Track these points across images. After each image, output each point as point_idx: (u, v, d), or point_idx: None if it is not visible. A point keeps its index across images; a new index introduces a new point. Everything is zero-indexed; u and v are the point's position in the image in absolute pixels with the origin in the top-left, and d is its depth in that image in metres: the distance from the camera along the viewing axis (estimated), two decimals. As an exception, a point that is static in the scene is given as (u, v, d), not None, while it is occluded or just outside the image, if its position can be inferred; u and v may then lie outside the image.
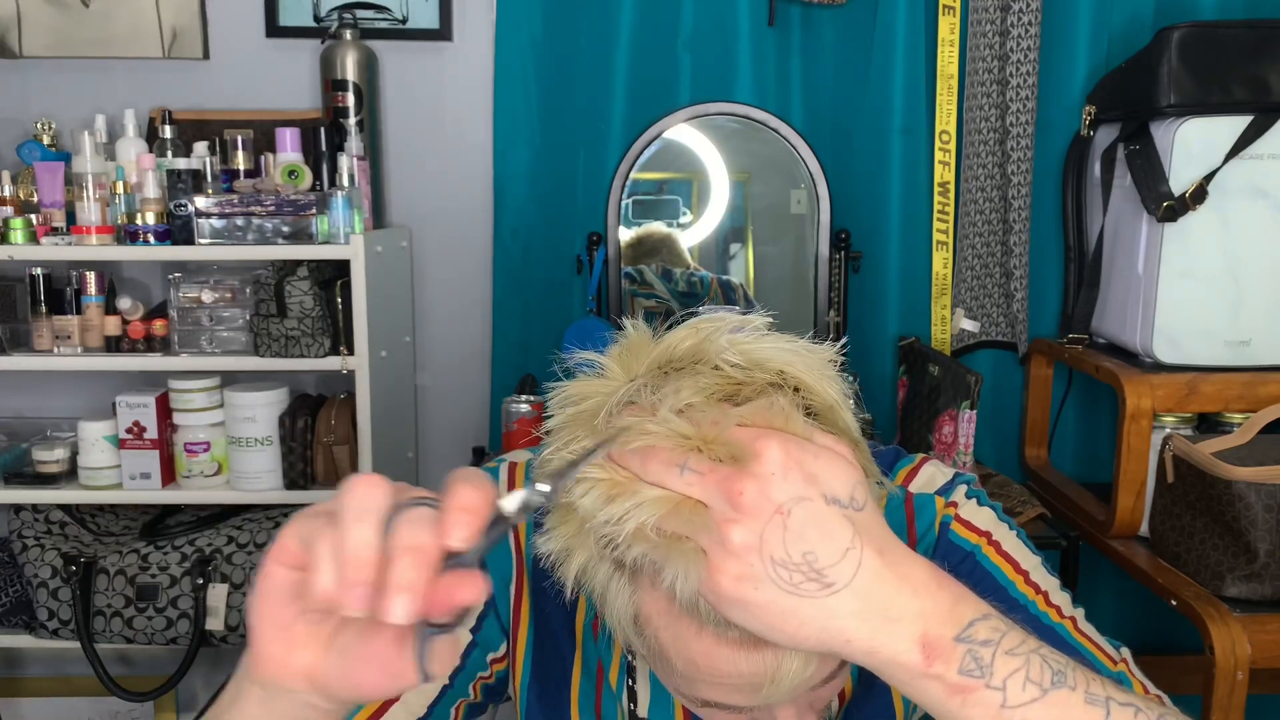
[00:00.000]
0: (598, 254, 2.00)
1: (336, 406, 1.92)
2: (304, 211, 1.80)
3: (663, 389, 0.61)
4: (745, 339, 0.63)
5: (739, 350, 0.63)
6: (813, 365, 0.63)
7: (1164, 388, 1.69)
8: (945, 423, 1.79)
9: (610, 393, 0.64)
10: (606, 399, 0.63)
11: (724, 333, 0.64)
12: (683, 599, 0.58)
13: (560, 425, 0.64)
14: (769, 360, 0.63)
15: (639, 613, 0.63)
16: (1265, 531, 1.49)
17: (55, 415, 2.10)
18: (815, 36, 2.06)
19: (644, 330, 0.67)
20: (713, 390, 0.60)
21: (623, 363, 0.65)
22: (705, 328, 0.65)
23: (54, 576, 1.88)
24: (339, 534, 0.47)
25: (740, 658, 0.61)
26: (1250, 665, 1.46)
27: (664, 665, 0.66)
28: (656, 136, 1.99)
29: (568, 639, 0.84)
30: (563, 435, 0.64)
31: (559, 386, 0.66)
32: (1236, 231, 1.69)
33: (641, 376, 0.64)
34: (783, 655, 0.60)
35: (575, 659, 0.84)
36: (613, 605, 0.64)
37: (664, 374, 0.63)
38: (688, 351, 0.64)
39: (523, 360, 2.12)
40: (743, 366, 0.62)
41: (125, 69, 2.09)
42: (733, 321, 0.65)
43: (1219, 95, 1.69)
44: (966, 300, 2.09)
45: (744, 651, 0.60)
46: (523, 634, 0.84)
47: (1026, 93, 1.99)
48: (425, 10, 2.08)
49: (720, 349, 0.63)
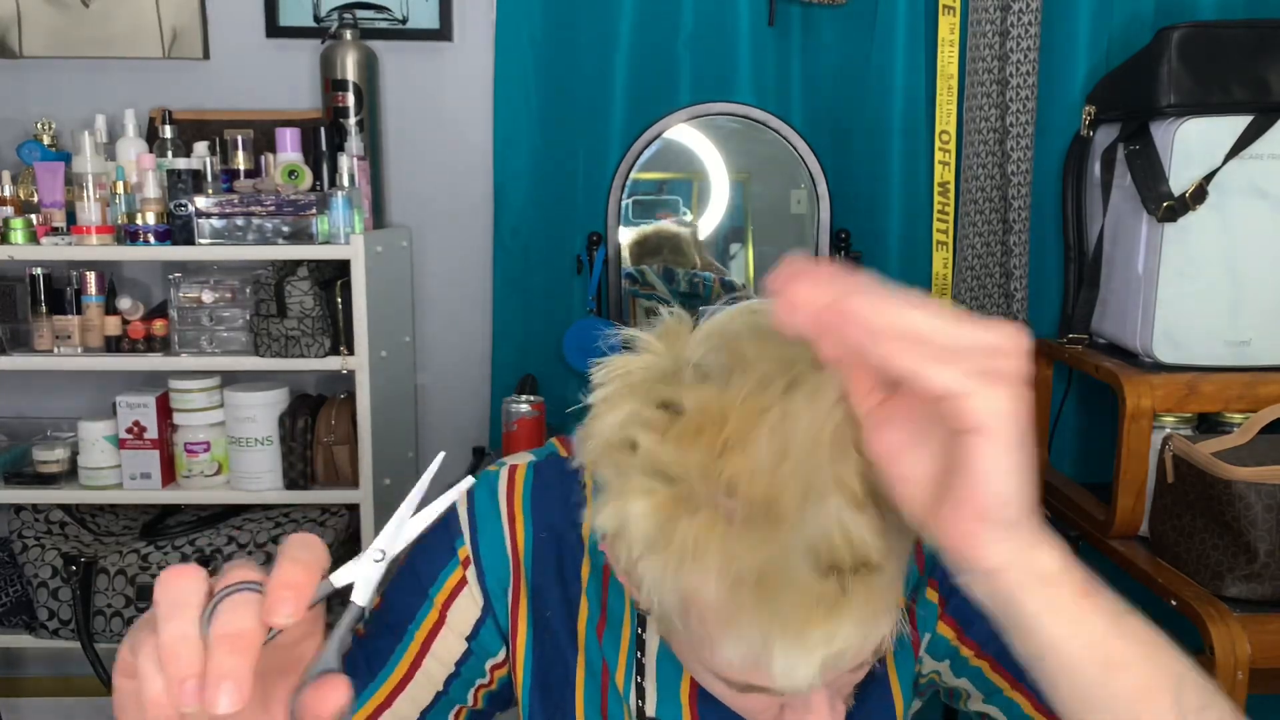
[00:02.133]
0: (598, 254, 2.00)
1: (336, 406, 1.92)
2: (304, 211, 1.80)
3: (730, 355, 0.61)
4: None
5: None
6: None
7: (1164, 388, 1.69)
8: (945, 423, 1.79)
9: (656, 364, 0.64)
10: (654, 371, 0.63)
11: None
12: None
13: (611, 394, 0.64)
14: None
15: (685, 598, 0.62)
16: (1265, 531, 1.49)
17: (55, 415, 2.10)
18: (815, 36, 2.06)
19: (682, 315, 0.67)
20: (788, 355, 0.59)
21: (665, 340, 0.66)
22: (757, 308, 0.65)
23: (54, 576, 1.88)
24: (158, 634, 0.46)
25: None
26: (1250, 665, 1.45)
27: (705, 649, 0.65)
28: (656, 136, 1.99)
29: (569, 641, 0.84)
30: (612, 404, 0.63)
31: (603, 361, 0.66)
32: (1236, 231, 1.69)
33: (694, 345, 0.64)
34: (838, 629, 0.58)
35: (578, 661, 0.84)
36: (655, 589, 0.62)
37: (721, 345, 0.63)
38: (744, 327, 0.64)
39: (523, 360, 2.12)
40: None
41: (125, 69, 2.09)
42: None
43: (1219, 95, 1.69)
44: (966, 300, 2.09)
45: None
46: (521, 638, 0.84)
47: (1026, 93, 1.99)
48: (425, 10, 2.08)
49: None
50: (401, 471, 2.06)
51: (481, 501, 0.84)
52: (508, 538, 0.83)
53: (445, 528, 0.84)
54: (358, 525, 1.92)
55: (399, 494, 2.30)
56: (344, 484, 1.91)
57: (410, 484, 0.55)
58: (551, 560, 0.83)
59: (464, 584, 0.83)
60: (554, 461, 0.86)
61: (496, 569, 0.83)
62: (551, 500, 0.84)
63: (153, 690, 0.46)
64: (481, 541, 0.83)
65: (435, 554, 0.84)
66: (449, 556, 0.83)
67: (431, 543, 0.84)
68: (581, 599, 0.83)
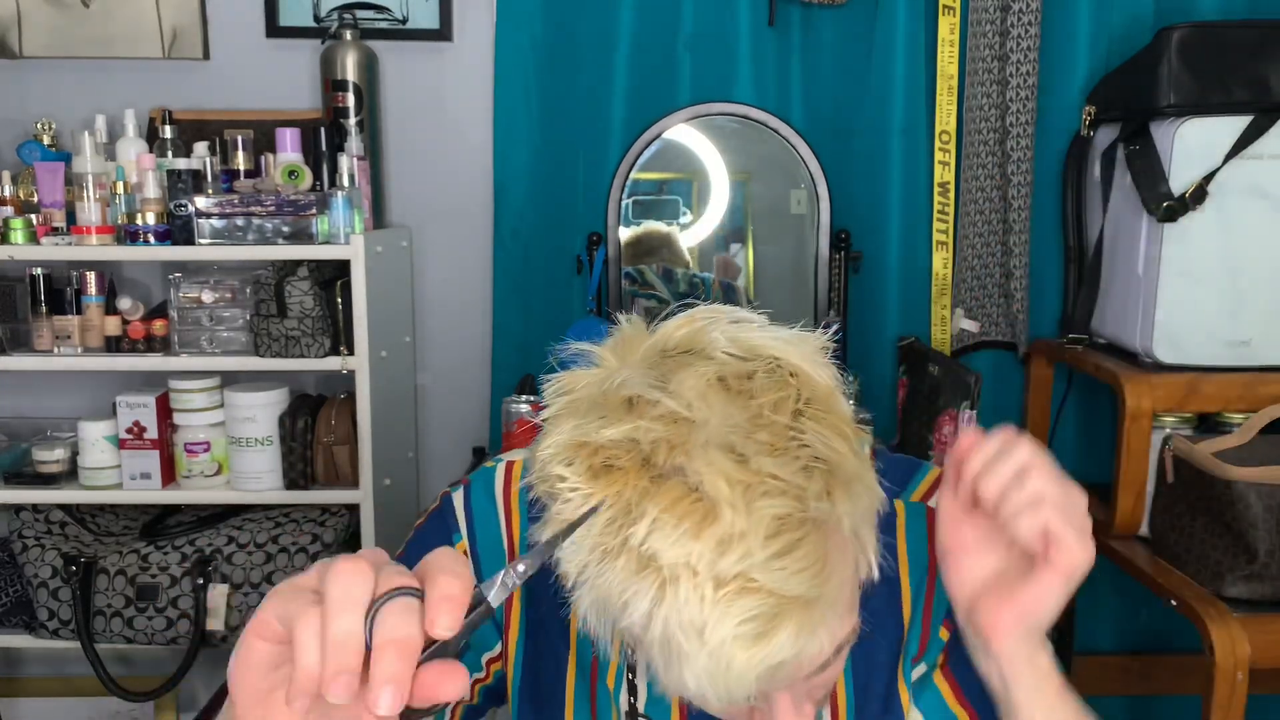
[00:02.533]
0: (598, 254, 2.00)
1: (337, 406, 1.92)
2: (304, 211, 1.80)
3: (661, 376, 0.62)
4: (738, 328, 0.65)
5: (732, 339, 0.64)
6: (805, 353, 0.64)
7: (1164, 388, 1.69)
8: (945, 423, 1.79)
9: (598, 380, 0.64)
10: (598, 387, 0.64)
11: (719, 323, 0.65)
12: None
13: (553, 415, 0.65)
14: (763, 348, 0.64)
15: (620, 632, 0.63)
16: (1265, 531, 1.49)
17: (55, 415, 2.10)
18: (815, 36, 2.06)
19: (638, 323, 0.68)
20: (713, 376, 0.61)
21: (617, 353, 0.66)
22: (700, 317, 0.66)
23: (54, 576, 1.88)
24: (326, 623, 0.48)
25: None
26: (1250, 665, 1.45)
27: (675, 664, 0.65)
28: (656, 136, 1.99)
29: (562, 638, 0.84)
30: (553, 423, 0.64)
31: (553, 378, 0.67)
32: (1236, 231, 1.69)
33: (634, 364, 0.64)
34: (764, 653, 0.59)
35: (570, 657, 0.84)
36: (592, 619, 0.63)
37: (656, 362, 0.64)
38: (682, 340, 0.65)
39: (523, 360, 2.12)
40: (738, 355, 0.63)
41: (125, 69, 2.09)
42: (728, 312, 0.66)
43: (1219, 95, 1.69)
44: (966, 300, 2.08)
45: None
46: (514, 634, 0.84)
47: (1026, 93, 1.99)
48: (425, 10, 2.08)
49: (714, 339, 0.64)
50: (401, 471, 2.06)
51: (478, 496, 0.84)
52: (504, 532, 0.83)
53: (443, 522, 0.84)
54: (358, 525, 1.92)
55: (399, 494, 2.31)
56: (344, 484, 1.91)
57: (410, 484, 0.56)
58: (547, 558, 0.83)
59: None
60: None
61: (493, 564, 0.83)
62: None
63: (309, 661, 0.48)
64: (479, 536, 0.83)
65: (431, 548, 0.84)
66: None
67: (428, 537, 0.85)
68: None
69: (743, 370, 0.62)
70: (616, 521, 0.58)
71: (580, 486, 0.60)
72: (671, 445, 0.59)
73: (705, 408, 0.60)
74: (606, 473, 0.59)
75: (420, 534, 0.86)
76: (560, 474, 0.61)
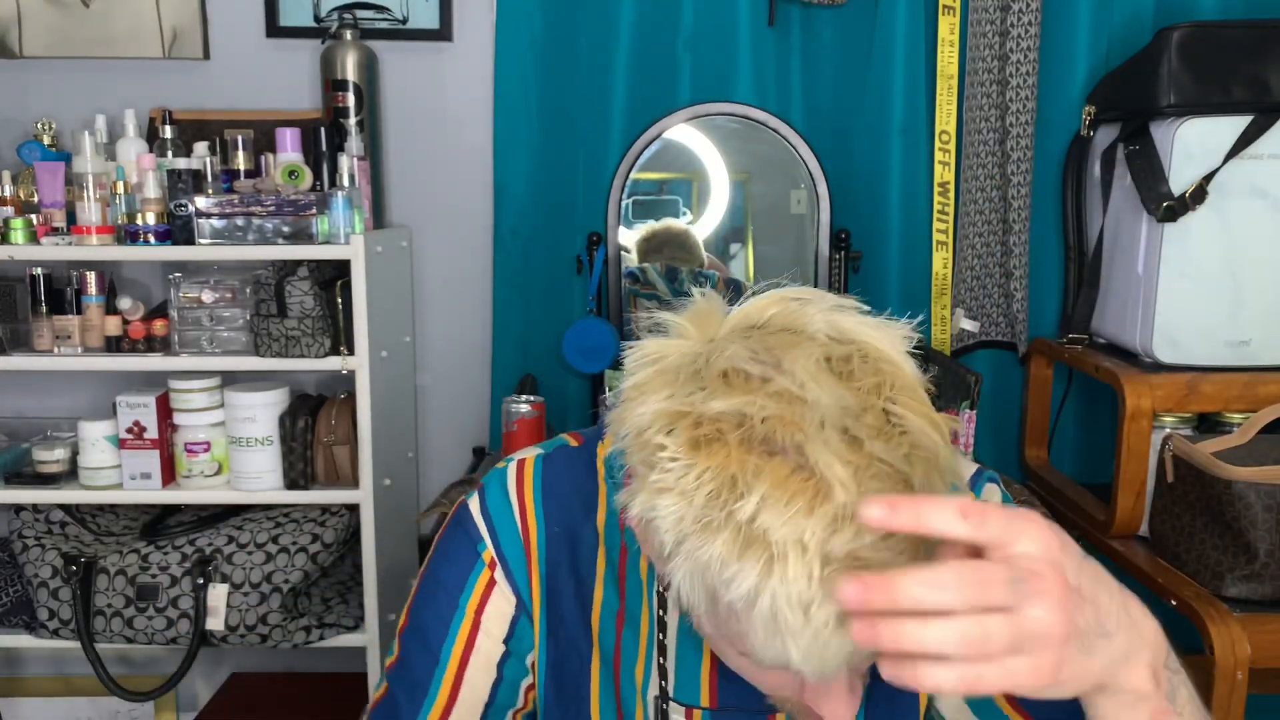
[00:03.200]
0: (598, 254, 2.00)
1: (337, 406, 1.92)
2: (304, 211, 1.80)
3: (768, 351, 0.61)
4: (832, 311, 0.65)
5: (828, 321, 0.64)
6: (893, 340, 0.64)
7: (1164, 388, 1.69)
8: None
9: (690, 351, 0.64)
10: (688, 356, 0.64)
11: (815, 304, 0.65)
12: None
13: (642, 381, 0.64)
14: (854, 333, 0.64)
15: (715, 596, 0.62)
16: (1265, 531, 1.49)
17: (55, 415, 2.11)
18: (815, 36, 2.06)
19: (715, 296, 0.68)
20: (820, 357, 0.61)
21: (697, 324, 0.66)
22: (790, 298, 0.66)
23: (54, 576, 1.88)
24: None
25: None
26: (1250, 665, 1.46)
27: (732, 631, 0.64)
28: (656, 136, 1.99)
29: (584, 633, 0.84)
30: (644, 390, 0.64)
31: (635, 345, 0.67)
32: (1236, 231, 1.69)
33: (726, 337, 0.64)
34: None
35: (593, 653, 0.84)
36: (685, 585, 0.62)
37: (750, 336, 0.64)
38: (774, 319, 0.65)
39: (523, 360, 2.12)
40: (835, 339, 0.63)
41: (125, 69, 2.09)
42: (817, 294, 0.66)
43: (1219, 95, 1.69)
44: (966, 300, 2.09)
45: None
46: (537, 632, 0.84)
47: (1026, 93, 1.99)
48: (425, 10, 2.08)
49: (813, 319, 0.64)
50: (401, 471, 2.06)
51: (495, 499, 0.84)
52: (521, 533, 0.83)
53: (464, 532, 0.84)
54: (358, 525, 1.92)
55: (399, 494, 2.31)
56: (344, 484, 1.91)
57: (410, 484, 0.56)
58: (565, 554, 0.83)
59: (493, 585, 0.82)
60: (563, 454, 0.86)
61: (518, 564, 0.82)
62: (563, 493, 0.84)
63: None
64: (501, 538, 0.83)
65: (458, 561, 0.83)
66: (473, 560, 0.83)
67: (451, 551, 0.84)
68: (597, 589, 0.83)
69: (842, 354, 0.62)
70: (720, 495, 0.58)
71: (680, 456, 0.60)
72: (785, 423, 0.58)
73: (817, 388, 0.59)
74: (708, 444, 0.59)
75: (443, 546, 0.86)
76: (661, 443, 0.61)
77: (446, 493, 1.81)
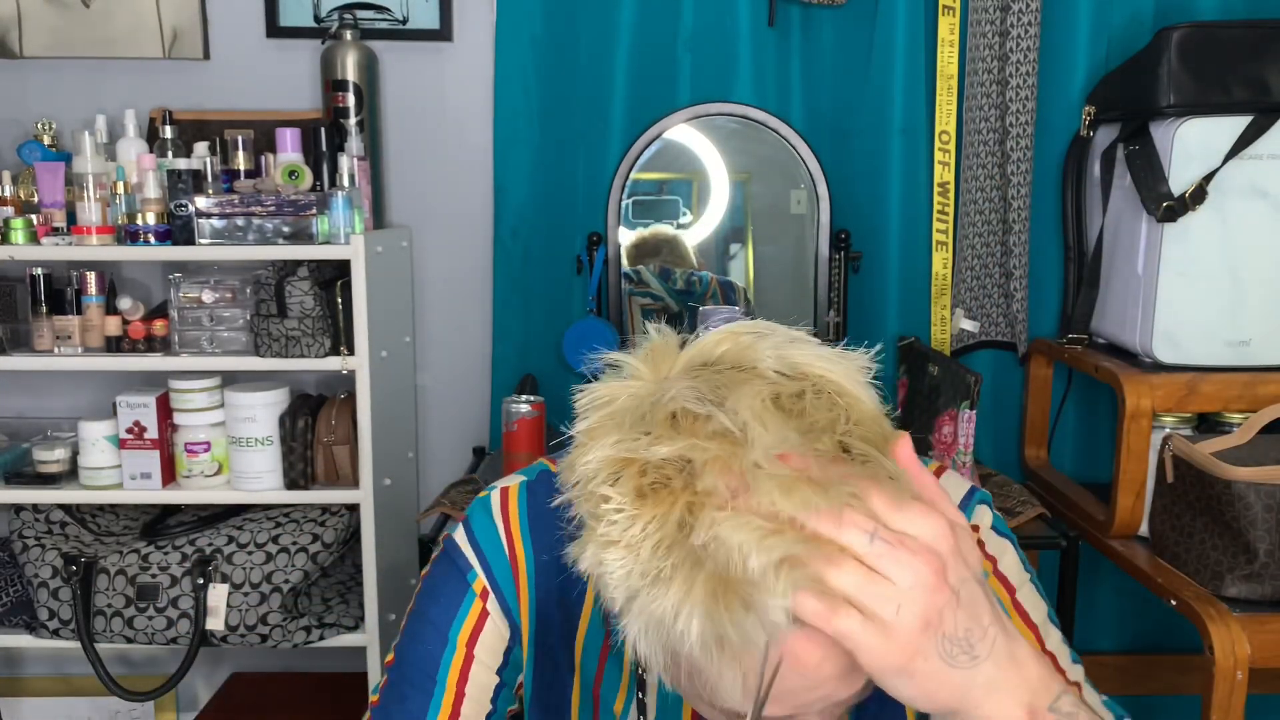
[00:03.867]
0: (598, 254, 2.00)
1: (337, 406, 1.92)
2: (304, 211, 1.80)
3: (712, 392, 0.60)
4: (784, 345, 0.63)
5: (779, 357, 0.62)
6: (849, 372, 0.63)
7: (1164, 388, 1.69)
8: (945, 423, 1.79)
9: (640, 393, 0.63)
10: (637, 399, 0.62)
11: (766, 340, 0.63)
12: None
13: (592, 427, 0.63)
14: (808, 366, 0.62)
15: (671, 653, 0.61)
16: (1265, 531, 1.49)
17: (56, 415, 2.11)
18: (815, 36, 2.06)
19: (669, 333, 0.66)
20: (768, 396, 0.60)
21: (650, 364, 0.65)
22: (742, 333, 0.64)
23: (54, 576, 1.88)
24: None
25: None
26: (1250, 665, 1.46)
27: (700, 685, 0.64)
28: (657, 137, 2.00)
29: (567, 664, 0.83)
30: (593, 435, 0.62)
31: (586, 389, 0.65)
32: (1236, 231, 1.69)
33: (675, 378, 0.63)
34: (840, 686, 0.61)
35: (574, 684, 0.84)
36: (639, 643, 0.61)
37: (698, 375, 0.62)
38: (725, 356, 0.63)
39: (523, 360, 2.12)
40: (785, 374, 0.62)
41: (125, 69, 2.09)
42: (768, 328, 0.65)
43: (1219, 95, 1.69)
44: (966, 300, 2.09)
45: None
46: (526, 654, 0.84)
47: (1026, 93, 1.99)
48: (425, 10, 2.08)
49: (762, 356, 0.62)
50: (401, 471, 2.06)
51: (481, 527, 0.83)
52: (510, 560, 0.82)
53: (453, 564, 0.82)
54: (358, 525, 1.92)
55: (399, 494, 2.31)
56: (344, 484, 1.91)
57: (410, 484, 0.55)
58: (554, 583, 0.82)
59: (486, 616, 0.81)
60: (546, 480, 0.84)
61: (510, 592, 0.81)
62: (550, 521, 0.81)
63: None
64: (492, 567, 0.82)
65: (447, 594, 0.82)
66: (463, 592, 0.81)
67: (439, 584, 0.82)
68: (583, 619, 0.82)
69: (794, 390, 0.61)
70: (665, 543, 0.57)
71: (625, 507, 0.58)
72: (726, 465, 0.57)
73: (760, 427, 0.58)
74: (654, 493, 0.58)
75: (431, 581, 0.84)
76: (605, 494, 0.59)
77: (446, 493, 1.81)
